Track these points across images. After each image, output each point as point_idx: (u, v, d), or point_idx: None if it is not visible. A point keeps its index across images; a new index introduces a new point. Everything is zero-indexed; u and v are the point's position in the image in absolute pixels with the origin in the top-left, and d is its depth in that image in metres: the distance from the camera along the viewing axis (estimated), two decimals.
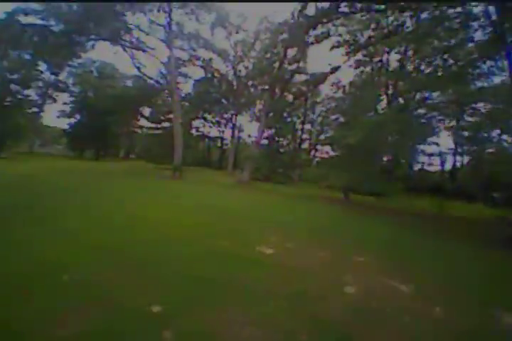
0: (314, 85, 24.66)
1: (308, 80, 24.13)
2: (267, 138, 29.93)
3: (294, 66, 21.02)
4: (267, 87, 23.01)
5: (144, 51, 21.60)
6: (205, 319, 2.58)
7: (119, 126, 40.31)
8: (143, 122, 43.25)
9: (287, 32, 18.15)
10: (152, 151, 32.80)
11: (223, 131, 47.10)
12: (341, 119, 22.28)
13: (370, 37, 17.17)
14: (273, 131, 30.31)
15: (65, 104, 41.32)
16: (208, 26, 25.71)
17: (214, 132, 47.47)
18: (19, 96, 30.80)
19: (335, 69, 20.06)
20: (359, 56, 20.26)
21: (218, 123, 46.40)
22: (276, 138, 31.54)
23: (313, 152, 39.71)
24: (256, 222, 7.48)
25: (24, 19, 18.02)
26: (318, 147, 38.06)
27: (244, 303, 2.94)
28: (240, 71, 31.44)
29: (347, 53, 17.66)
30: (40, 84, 37.64)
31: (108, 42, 21.85)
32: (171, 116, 28.95)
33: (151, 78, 24.97)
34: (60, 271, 3.26)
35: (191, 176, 21.96)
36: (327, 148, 27.89)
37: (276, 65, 20.61)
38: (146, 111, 41.18)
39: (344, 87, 26.37)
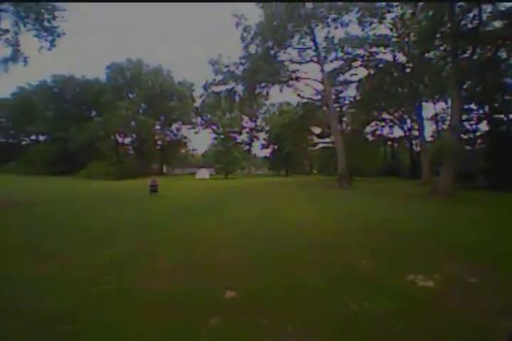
0: None
1: None
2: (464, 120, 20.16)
3: None
4: None
5: (298, 80, 23.44)
6: None
7: (296, 146, 45.78)
8: (316, 140, 46.15)
9: None
10: (323, 164, 33.52)
11: (409, 129, 38.46)
12: None
13: None
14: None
15: (264, 139, 54.66)
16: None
17: (399, 132, 40.10)
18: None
19: None
20: None
21: (401, 120, 38.77)
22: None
23: None
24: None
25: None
26: None
27: None
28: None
29: None
30: (247, 129, 52.91)
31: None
32: None
33: (309, 98, 26.23)
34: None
35: (364, 186, 19.51)
36: None
37: None
38: (317, 129, 43.73)
39: None
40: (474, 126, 22.03)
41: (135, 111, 34.95)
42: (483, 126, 22.34)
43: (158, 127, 40.34)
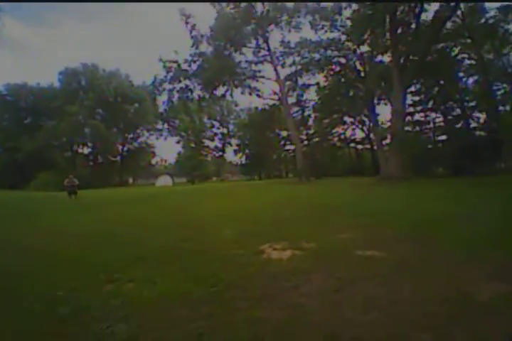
0: None
1: None
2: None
3: None
4: None
5: (256, 80, 23.61)
6: None
7: (267, 149, 45.86)
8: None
9: None
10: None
11: (369, 131, 40.30)
12: None
13: None
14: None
15: (237, 145, 54.17)
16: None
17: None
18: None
19: None
20: None
21: (361, 122, 40.66)
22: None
23: None
24: None
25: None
26: None
27: None
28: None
29: None
30: (220, 136, 52.25)
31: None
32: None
33: (269, 98, 26.23)
34: None
35: (324, 181, 19.63)
36: None
37: None
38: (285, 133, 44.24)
39: None
40: (430, 117, 23.34)
41: (87, 117, 32.68)
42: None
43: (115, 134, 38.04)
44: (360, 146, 44.77)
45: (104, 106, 36.08)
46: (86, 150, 38.11)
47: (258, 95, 24.47)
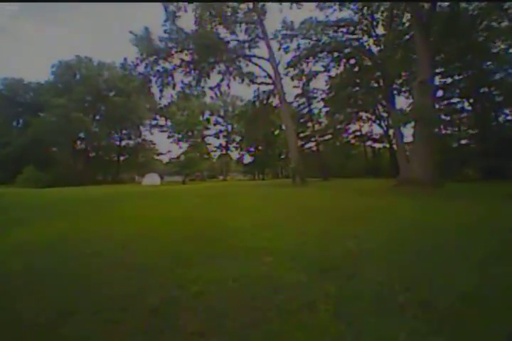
0: None
1: None
2: None
3: None
4: None
5: (250, 60, 19.87)
6: None
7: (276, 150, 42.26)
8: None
9: None
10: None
11: (387, 128, 35.22)
12: None
13: None
14: None
15: (236, 142, 50.65)
16: None
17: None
18: None
19: None
20: None
21: (379, 117, 35.66)
22: None
23: None
24: None
25: None
26: None
27: None
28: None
29: None
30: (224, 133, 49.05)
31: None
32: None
33: (262, 82, 22.35)
34: None
35: (327, 184, 15.57)
36: None
37: None
38: None
39: None
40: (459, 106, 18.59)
41: (74, 110, 30.35)
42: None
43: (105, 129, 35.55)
44: (378, 145, 39.78)
45: (95, 99, 33.84)
46: (78, 145, 36.10)
47: (252, 81, 20.65)
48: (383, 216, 5.09)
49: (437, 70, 18.88)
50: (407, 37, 19.16)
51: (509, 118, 17.96)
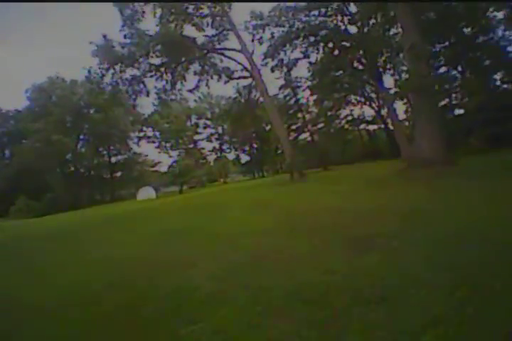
0: None
1: None
2: None
3: None
4: None
5: (222, 54, 18.64)
6: None
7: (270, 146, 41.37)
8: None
9: None
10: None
11: (379, 108, 34.04)
12: None
13: None
14: None
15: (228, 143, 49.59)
16: None
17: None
18: None
19: None
20: None
21: (368, 99, 34.44)
22: None
23: None
24: None
25: None
26: None
27: None
28: None
29: None
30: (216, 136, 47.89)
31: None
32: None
33: (240, 77, 20.95)
34: None
35: (328, 175, 14.47)
36: None
37: None
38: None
39: None
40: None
41: (54, 132, 29.11)
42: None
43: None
44: (372, 127, 38.60)
45: (76, 118, 32.54)
46: (69, 168, 34.85)
47: (230, 77, 19.45)
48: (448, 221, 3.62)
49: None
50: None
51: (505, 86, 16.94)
